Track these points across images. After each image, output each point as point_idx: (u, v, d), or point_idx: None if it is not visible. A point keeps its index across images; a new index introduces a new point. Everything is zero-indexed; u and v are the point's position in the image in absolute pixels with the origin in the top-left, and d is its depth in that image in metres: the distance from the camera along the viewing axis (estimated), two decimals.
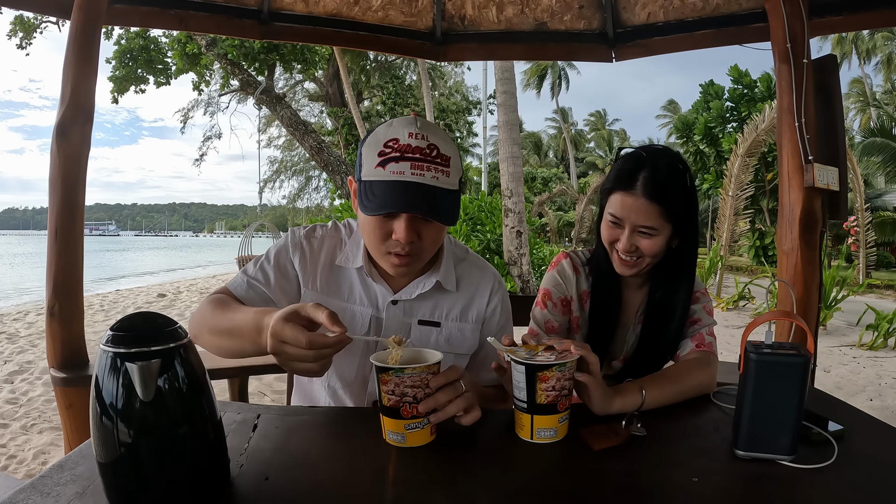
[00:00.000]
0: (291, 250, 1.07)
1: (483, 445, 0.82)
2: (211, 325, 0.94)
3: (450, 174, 0.91)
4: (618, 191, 1.10)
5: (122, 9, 2.28)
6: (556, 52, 2.97)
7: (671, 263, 1.16)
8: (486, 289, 1.11)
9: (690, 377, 1.05)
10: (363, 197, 0.90)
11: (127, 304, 8.34)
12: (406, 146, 0.89)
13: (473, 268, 1.13)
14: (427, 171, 0.89)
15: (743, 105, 15.11)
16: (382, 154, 0.89)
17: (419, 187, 0.88)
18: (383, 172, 0.89)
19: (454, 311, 1.08)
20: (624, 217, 1.09)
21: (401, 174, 0.88)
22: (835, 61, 2.15)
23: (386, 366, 0.77)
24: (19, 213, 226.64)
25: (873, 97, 27.28)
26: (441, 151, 0.91)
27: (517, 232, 6.73)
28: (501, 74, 7.07)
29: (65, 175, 1.97)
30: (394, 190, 0.88)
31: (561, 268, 1.26)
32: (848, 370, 4.53)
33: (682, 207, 1.09)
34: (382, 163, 0.89)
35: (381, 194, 0.88)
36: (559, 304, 1.24)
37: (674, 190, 1.08)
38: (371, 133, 0.94)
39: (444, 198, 0.91)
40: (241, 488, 0.67)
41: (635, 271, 1.14)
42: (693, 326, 1.20)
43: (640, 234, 1.09)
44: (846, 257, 11.04)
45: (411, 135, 0.89)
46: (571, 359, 0.81)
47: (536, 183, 24.44)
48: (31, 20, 9.31)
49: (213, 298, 1.00)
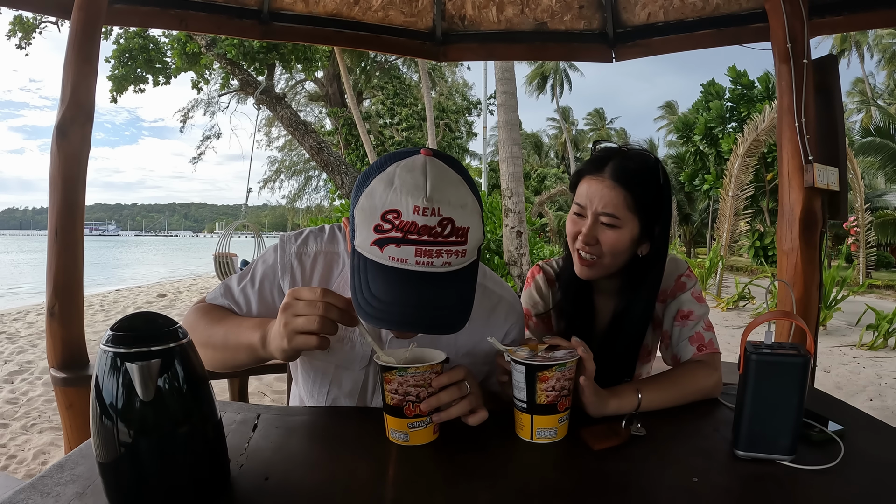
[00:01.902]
0: (280, 273, 0.95)
1: (483, 445, 0.82)
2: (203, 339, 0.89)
3: (466, 253, 0.73)
4: (585, 175, 1.07)
5: (122, 9, 2.28)
6: (556, 52, 2.97)
7: (636, 272, 1.10)
8: (503, 323, 1.00)
9: (693, 381, 1.01)
10: (358, 283, 0.74)
11: (127, 304, 8.34)
12: (410, 225, 0.69)
13: (490, 296, 0.99)
14: (437, 258, 0.71)
15: (742, 105, 15.12)
16: (379, 229, 0.71)
17: (426, 278, 0.72)
18: (380, 255, 0.71)
19: (464, 347, 0.97)
20: (587, 204, 1.05)
21: (403, 262, 0.70)
22: (835, 61, 2.15)
23: (389, 365, 0.78)
24: (19, 213, 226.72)
25: (875, 97, 27.25)
26: (457, 225, 0.71)
27: (517, 232, 6.73)
28: (501, 74, 7.06)
29: (65, 175, 1.97)
30: (394, 290, 0.71)
31: (536, 284, 1.23)
32: (848, 370, 4.54)
33: (650, 201, 1.04)
34: (379, 242, 0.71)
35: (378, 292, 0.72)
36: (540, 324, 1.22)
37: (643, 179, 1.04)
38: (366, 183, 0.74)
39: (457, 292, 0.74)
40: (241, 488, 0.67)
41: (594, 273, 1.08)
42: (687, 322, 1.12)
43: (602, 226, 1.04)
44: (846, 257, 11.05)
45: (417, 209, 0.69)
46: (571, 359, 0.81)
47: (532, 181, 24.43)
48: (31, 20, 9.30)
49: (199, 309, 0.96)
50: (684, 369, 1.06)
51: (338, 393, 0.99)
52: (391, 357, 0.80)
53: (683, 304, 1.14)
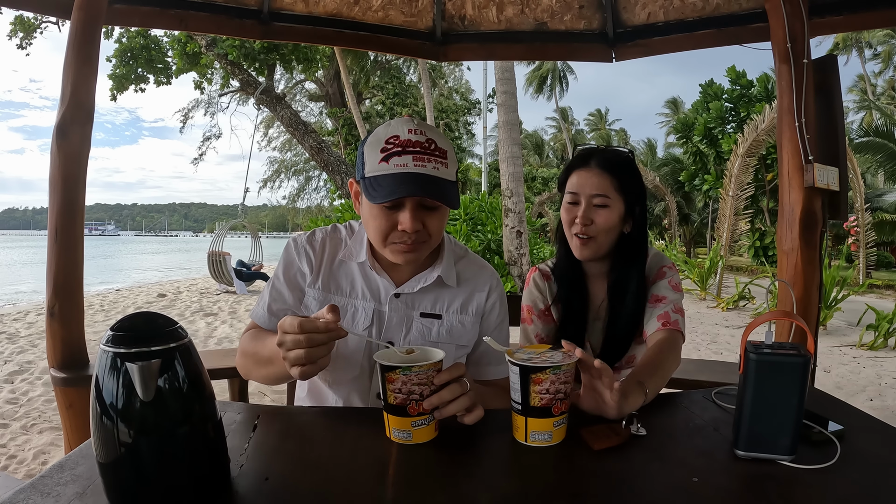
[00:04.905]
0: (297, 259, 1.11)
1: (484, 446, 0.82)
2: (254, 360, 1.01)
3: (448, 166, 0.98)
4: (574, 170, 1.26)
5: (122, 9, 2.28)
6: (556, 52, 2.97)
7: (624, 248, 1.27)
8: (486, 284, 1.16)
9: (668, 362, 1.12)
10: (369, 189, 0.95)
11: (127, 304, 8.34)
12: (407, 141, 0.95)
13: (473, 265, 1.18)
14: (428, 163, 0.94)
15: (741, 106, 15.11)
16: (385, 150, 0.94)
17: (422, 177, 0.94)
18: (387, 167, 0.94)
19: (455, 304, 1.12)
20: (580, 191, 1.23)
21: (404, 166, 0.93)
22: (835, 61, 2.15)
23: (392, 364, 0.78)
24: (19, 213, 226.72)
25: (875, 97, 27.19)
26: (438, 145, 0.97)
27: (517, 232, 6.73)
28: (501, 74, 7.07)
29: (65, 175, 1.97)
30: (399, 180, 0.93)
31: (533, 282, 1.38)
32: (848, 370, 4.53)
33: (631, 184, 1.24)
34: (386, 158, 0.94)
35: (387, 185, 0.93)
36: (542, 316, 1.35)
37: (623, 167, 1.24)
38: (371, 134, 1.00)
39: (445, 186, 0.97)
40: (241, 488, 0.67)
41: (591, 251, 1.24)
42: (659, 304, 1.25)
43: (595, 208, 1.22)
44: (846, 257, 11.04)
45: (410, 131, 0.95)
46: (567, 362, 0.80)
47: (536, 183, 24.45)
48: (31, 20, 9.31)
49: (248, 334, 1.08)
50: (660, 353, 1.14)
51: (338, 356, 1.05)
52: (390, 357, 0.81)
53: (660, 290, 1.27)
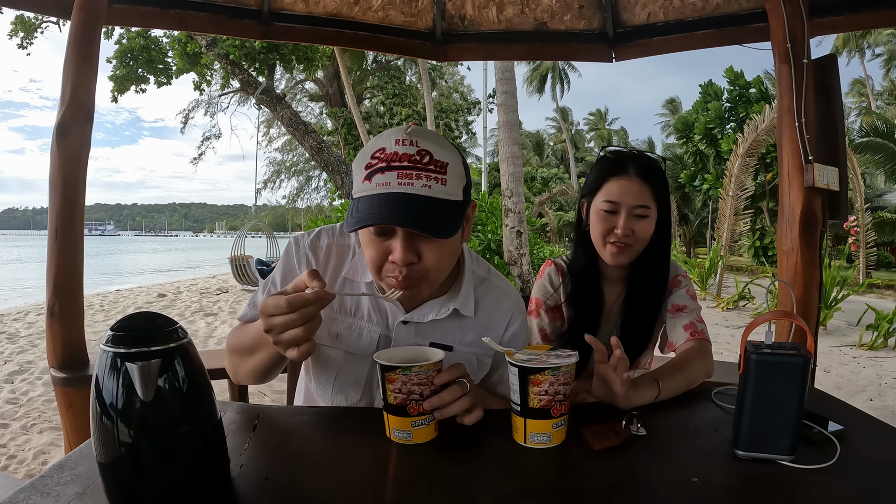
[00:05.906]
0: (297, 266, 0.99)
1: (484, 446, 0.81)
2: (240, 354, 0.96)
3: (446, 182, 0.81)
4: (611, 177, 1.20)
5: (122, 9, 2.28)
6: (556, 52, 2.97)
7: (648, 254, 1.25)
8: (506, 315, 1.04)
9: (695, 366, 1.10)
10: (349, 213, 0.82)
11: (127, 304, 8.34)
12: (393, 154, 0.80)
13: (493, 291, 1.04)
14: (416, 180, 0.79)
15: (740, 106, 15.10)
16: (369, 166, 0.81)
17: (406, 198, 0.78)
18: (370, 186, 0.80)
19: (469, 336, 1.00)
20: (620, 200, 1.18)
21: (387, 185, 0.79)
22: (835, 61, 2.15)
23: (392, 364, 0.78)
24: (19, 213, 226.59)
25: (876, 96, 27.15)
26: (435, 157, 0.81)
27: (517, 232, 6.72)
28: (501, 74, 7.06)
29: (65, 175, 1.97)
30: (376, 203, 0.79)
31: (547, 276, 1.33)
32: (848, 370, 4.53)
33: (664, 193, 1.21)
34: (368, 175, 0.80)
35: (364, 208, 0.79)
36: (550, 312, 1.31)
37: (659, 175, 1.21)
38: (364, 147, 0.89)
39: (437, 208, 0.80)
40: (241, 488, 0.67)
41: (626, 258, 1.21)
42: (681, 314, 1.24)
43: (635, 218, 1.18)
44: (847, 257, 11.03)
45: (398, 141, 0.80)
46: (566, 364, 0.79)
47: (536, 182, 24.46)
48: (32, 20, 9.30)
49: (230, 333, 1.02)
50: (687, 358, 1.14)
51: (344, 381, 1.00)
52: (390, 357, 0.80)
53: (678, 300, 1.26)
